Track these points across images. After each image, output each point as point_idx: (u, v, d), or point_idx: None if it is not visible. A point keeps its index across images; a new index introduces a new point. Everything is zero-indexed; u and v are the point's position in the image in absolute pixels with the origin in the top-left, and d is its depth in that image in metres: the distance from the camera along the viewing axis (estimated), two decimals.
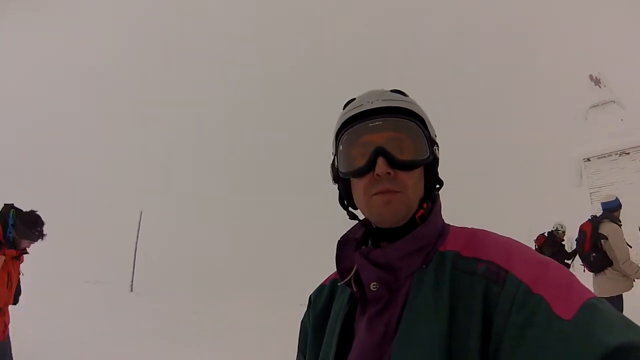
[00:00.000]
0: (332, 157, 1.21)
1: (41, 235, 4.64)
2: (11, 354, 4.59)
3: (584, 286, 0.87)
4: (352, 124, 1.13)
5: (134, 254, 30.11)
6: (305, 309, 1.31)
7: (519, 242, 1.02)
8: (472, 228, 1.12)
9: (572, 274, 0.91)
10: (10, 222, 4.43)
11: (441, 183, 1.19)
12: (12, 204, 4.59)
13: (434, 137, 1.18)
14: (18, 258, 4.63)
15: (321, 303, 1.25)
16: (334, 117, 1.23)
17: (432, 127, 1.19)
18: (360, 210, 1.16)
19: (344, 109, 1.19)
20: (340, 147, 1.15)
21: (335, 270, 1.15)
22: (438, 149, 1.18)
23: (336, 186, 1.23)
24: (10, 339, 4.63)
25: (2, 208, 4.55)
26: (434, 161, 1.15)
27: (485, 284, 0.91)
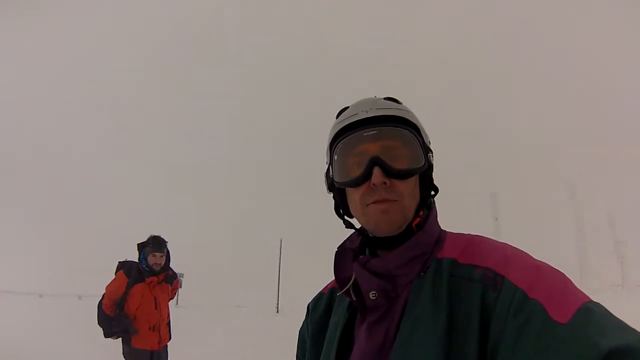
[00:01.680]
0: (327, 167, 1.21)
1: (154, 245, 5.41)
2: None
3: (579, 290, 0.86)
4: (347, 133, 1.12)
5: (277, 278, 31.76)
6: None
7: (515, 248, 1.00)
8: (469, 234, 1.10)
9: (568, 279, 0.89)
10: (143, 255, 5.41)
11: (436, 190, 1.17)
12: (145, 241, 5.50)
13: (428, 144, 1.16)
14: (167, 282, 5.57)
15: (319, 311, 1.25)
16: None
17: (426, 134, 1.17)
18: (357, 219, 1.15)
19: (337, 117, 1.19)
20: (335, 157, 1.15)
21: (334, 279, 1.15)
22: (433, 156, 1.16)
23: (331, 195, 1.23)
24: (168, 350, 5.63)
25: (138, 249, 5.51)
26: (429, 168, 1.13)
27: (482, 290, 0.90)
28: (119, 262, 5.57)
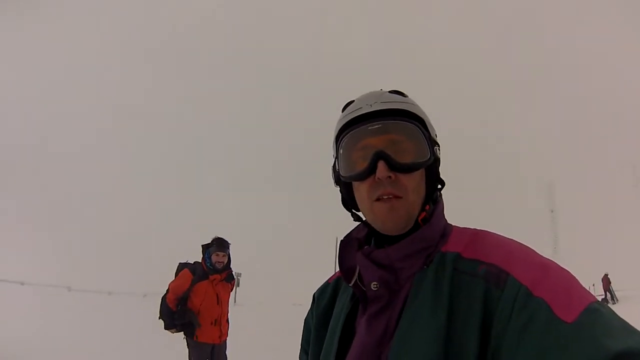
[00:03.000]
0: (333, 160, 1.20)
1: (217, 245, 5.82)
2: (226, 355, 5.98)
3: (586, 290, 0.84)
4: (352, 127, 1.10)
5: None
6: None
7: (521, 244, 0.98)
8: (475, 229, 1.07)
9: (574, 277, 0.86)
10: (207, 255, 5.81)
11: (443, 183, 1.15)
12: (209, 242, 5.91)
13: (434, 137, 1.14)
14: (228, 280, 5.96)
15: (324, 301, 1.24)
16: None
17: (432, 127, 1.15)
18: (363, 214, 1.13)
19: (342, 111, 1.17)
20: (341, 151, 1.14)
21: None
22: (439, 149, 1.13)
23: (338, 189, 1.22)
24: (227, 344, 6.00)
25: (202, 250, 5.92)
26: (435, 162, 1.11)
27: (485, 286, 0.88)
28: (180, 263, 5.98)
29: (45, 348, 9.04)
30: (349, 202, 1.19)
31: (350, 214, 1.21)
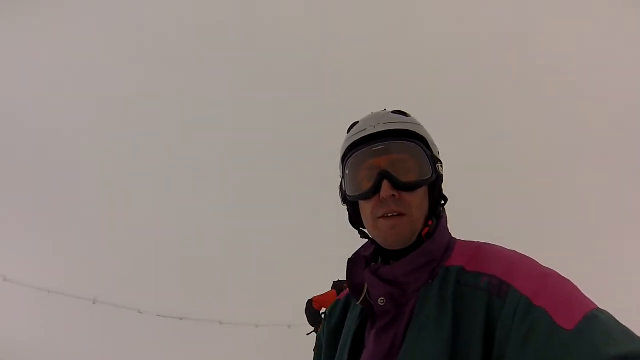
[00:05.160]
0: (340, 180, 1.21)
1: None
2: None
3: (586, 297, 0.84)
4: (357, 148, 1.12)
5: None
6: None
7: (523, 255, 0.98)
8: (478, 242, 1.07)
9: (575, 286, 0.87)
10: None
11: (445, 199, 1.15)
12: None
13: (436, 155, 1.14)
14: None
15: (335, 317, 1.25)
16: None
17: (434, 145, 1.15)
18: (368, 232, 1.14)
19: (348, 132, 1.19)
20: (347, 171, 1.15)
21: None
22: (442, 166, 1.14)
23: (345, 207, 1.22)
24: None
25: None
26: (438, 179, 1.11)
27: (487, 298, 0.89)
28: (334, 281, 6.16)
29: None
30: (355, 220, 1.20)
31: (357, 231, 1.21)
